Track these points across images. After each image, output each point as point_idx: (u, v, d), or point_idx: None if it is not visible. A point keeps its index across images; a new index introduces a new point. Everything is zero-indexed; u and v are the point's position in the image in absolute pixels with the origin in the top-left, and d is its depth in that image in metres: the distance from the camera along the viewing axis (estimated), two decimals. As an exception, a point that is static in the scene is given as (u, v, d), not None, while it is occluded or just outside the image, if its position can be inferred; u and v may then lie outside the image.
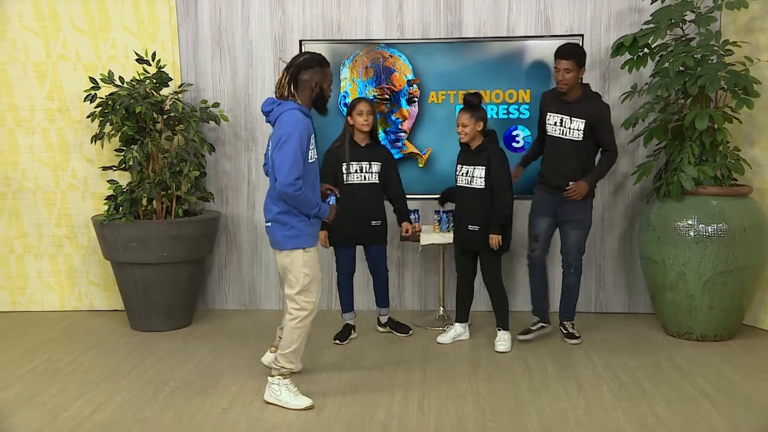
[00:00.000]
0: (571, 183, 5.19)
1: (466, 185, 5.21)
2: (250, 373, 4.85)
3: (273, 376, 4.32)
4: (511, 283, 6.14)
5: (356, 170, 5.33)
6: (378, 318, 5.74)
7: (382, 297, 5.65)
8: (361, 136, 5.33)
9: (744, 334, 5.59)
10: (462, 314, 5.54)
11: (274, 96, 4.36)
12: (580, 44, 5.83)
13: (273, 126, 4.29)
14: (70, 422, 4.13)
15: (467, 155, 5.22)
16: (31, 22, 6.12)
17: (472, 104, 5.08)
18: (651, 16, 5.46)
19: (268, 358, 4.74)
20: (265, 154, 4.60)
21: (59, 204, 6.30)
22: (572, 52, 5.13)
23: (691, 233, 5.25)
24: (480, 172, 5.12)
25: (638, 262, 6.05)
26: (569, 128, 5.18)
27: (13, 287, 6.38)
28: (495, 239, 5.07)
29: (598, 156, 5.40)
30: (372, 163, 5.37)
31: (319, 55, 4.42)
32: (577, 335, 5.45)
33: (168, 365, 5.04)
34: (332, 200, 4.55)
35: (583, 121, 5.13)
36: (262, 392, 4.49)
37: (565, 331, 5.50)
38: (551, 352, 5.26)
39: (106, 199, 5.78)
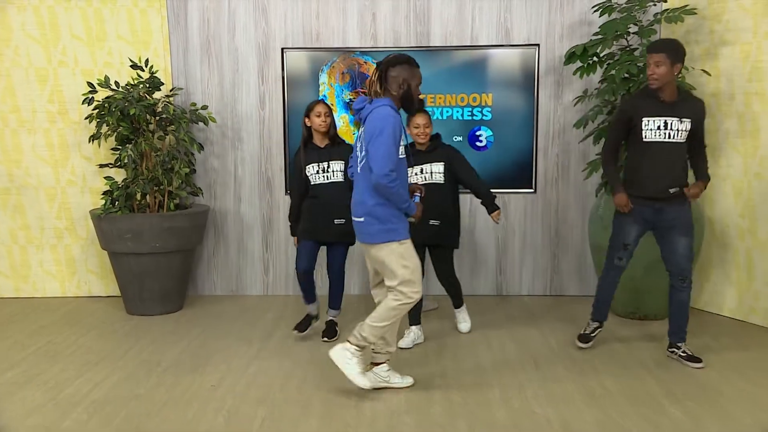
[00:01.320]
0: (672, 190, 4.45)
1: (424, 182, 4.93)
2: (236, 353, 4.86)
3: (351, 343, 4.06)
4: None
5: (317, 171, 4.98)
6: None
7: (333, 297, 5.20)
8: (320, 137, 5.00)
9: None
10: (415, 317, 5.08)
11: (362, 95, 4.18)
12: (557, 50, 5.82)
13: (363, 124, 4.07)
14: (70, 399, 4.13)
15: (419, 156, 4.93)
16: (33, 31, 6.08)
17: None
18: (599, 28, 5.49)
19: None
20: (351, 156, 4.30)
21: (59, 198, 6.28)
22: (660, 44, 4.42)
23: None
24: (438, 167, 4.98)
25: (588, 250, 6.14)
26: (677, 130, 4.42)
27: (17, 275, 6.36)
28: (497, 214, 4.96)
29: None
30: (332, 162, 5.01)
31: (409, 55, 4.13)
32: (699, 358, 4.56)
33: (161, 346, 5.04)
34: (417, 198, 4.20)
35: (689, 120, 4.42)
36: (249, 371, 4.53)
37: (684, 354, 4.60)
38: (510, 333, 5.30)
39: (103, 194, 5.76)
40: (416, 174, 4.96)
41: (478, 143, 6.17)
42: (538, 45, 6.04)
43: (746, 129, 5.37)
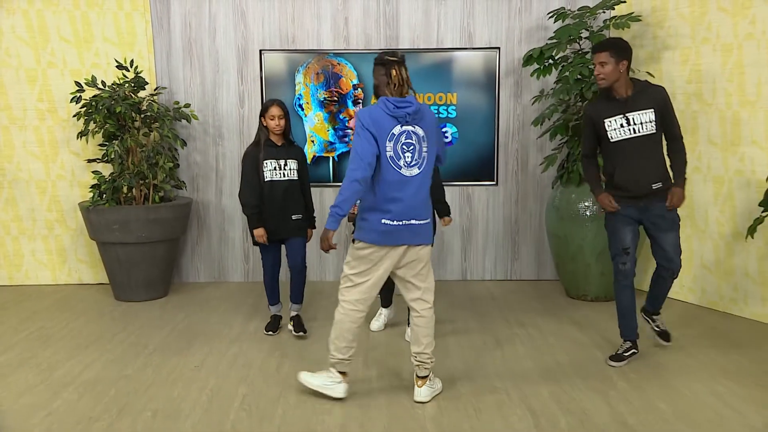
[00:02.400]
0: (654, 185, 4.12)
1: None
2: (218, 336, 4.88)
3: (425, 377, 3.78)
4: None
5: (274, 167, 4.75)
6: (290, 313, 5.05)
7: (296, 292, 4.94)
8: (276, 137, 4.78)
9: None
10: (386, 299, 5.04)
11: (407, 95, 3.69)
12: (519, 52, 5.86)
13: (416, 123, 3.65)
14: (62, 380, 4.12)
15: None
16: (23, 33, 6.02)
17: None
18: (554, 33, 5.54)
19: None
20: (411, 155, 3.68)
21: (50, 192, 6.23)
22: (606, 44, 4.13)
23: (588, 213, 5.40)
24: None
25: (545, 237, 6.23)
26: (640, 123, 4.08)
27: (11, 264, 6.32)
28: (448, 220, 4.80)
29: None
30: (288, 160, 4.79)
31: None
32: (669, 336, 4.48)
33: (147, 330, 5.03)
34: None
35: (652, 110, 4.07)
36: (230, 352, 4.54)
37: (658, 329, 4.47)
38: (474, 313, 5.36)
39: (91, 187, 5.72)
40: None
41: (444, 139, 6.17)
42: (498, 48, 6.09)
43: (686, 126, 5.44)
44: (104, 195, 5.66)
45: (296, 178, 4.82)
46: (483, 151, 6.22)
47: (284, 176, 4.78)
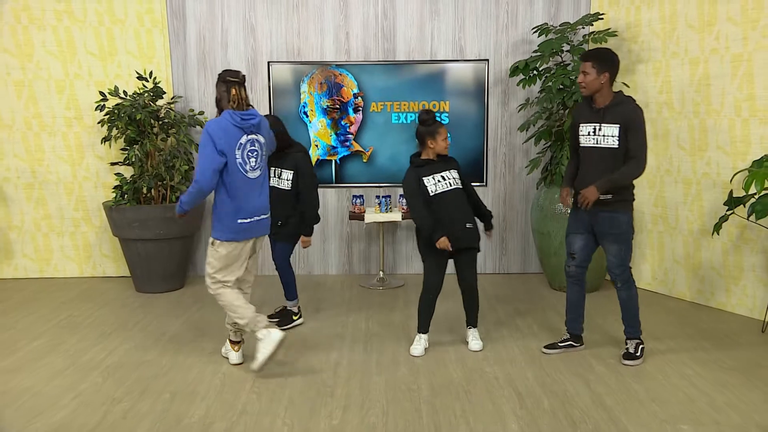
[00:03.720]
0: (602, 196, 3.91)
1: (447, 189, 4.18)
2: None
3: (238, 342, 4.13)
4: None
5: (272, 176, 4.65)
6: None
7: (285, 290, 4.83)
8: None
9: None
10: (424, 326, 4.40)
11: (249, 108, 3.89)
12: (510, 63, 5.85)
13: (258, 133, 3.90)
14: (88, 364, 4.15)
15: (434, 165, 4.19)
16: (53, 48, 6.02)
17: (428, 119, 4.16)
18: (538, 46, 5.54)
19: None
20: (253, 158, 3.93)
21: (77, 192, 6.24)
22: (591, 54, 3.93)
23: (568, 212, 5.38)
24: (455, 174, 4.23)
25: (531, 234, 6.25)
26: (603, 136, 3.91)
27: (41, 259, 6.32)
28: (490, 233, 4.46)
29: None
30: (283, 170, 4.65)
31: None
32: (638, 356, 4.06)
33: (165, 320, 5.04)
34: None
35: (617, 126, 3.86)
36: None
37: (624, 350, 4.13)
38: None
39: (114, 188, 5.75)
40: (438, 181, 4.21)
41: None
42: (487, 60, 6.09)
43: (658, 133, 5.47)
44: (126, 195, 5.67)
45: (289, 188, 4.63)
46: (473, 154, 6.22)
47: (278, 185, 4.66)
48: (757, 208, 4.35)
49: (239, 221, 3.85)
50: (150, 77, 5.86)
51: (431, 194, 4.16)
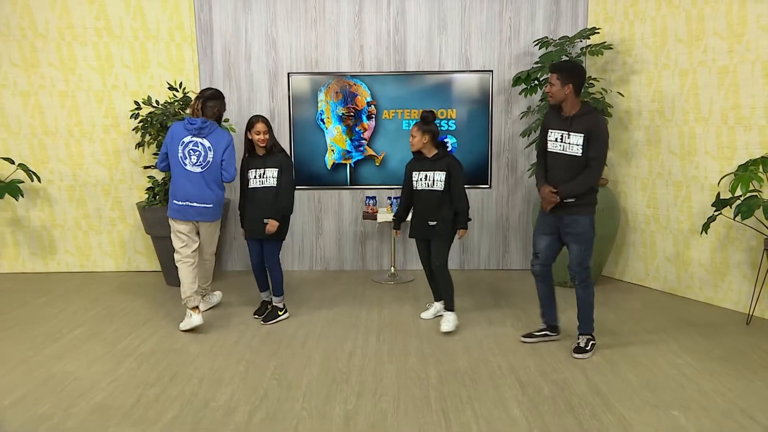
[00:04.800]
0: (566, 200, 3.90)
1: (427, 188, 4.43)
2: (252, 316, 4.88)
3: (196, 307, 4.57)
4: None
5: (254, 176, 4.61)
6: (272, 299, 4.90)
7: (273, 285, 4.77)
8: (260, 148, 4.61)
9: (602, 282, 5.75)
10: (439, 295, 4.81)
11: (197, 117, 4.55)
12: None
13: (206, 137, 4.54)
14: (123, 351, 4.18)
15: (424, 162, 4.43)
16: (93, 62, 6.07)
17: (426, 120, 4.36)
18: (539, 58, 5.54)
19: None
20: (196, 155, 4.51)
21: (113, 194, 6.28)
22: (558, 66, 3.92)
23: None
24: (440, 176, 4.38)
25: (532, 233, 6.23)
26: (569, 143, 3.88)
27: (81, 254, 6.38)
28: (462, 233, 4.48)
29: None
30: (266, 169, 4.60)
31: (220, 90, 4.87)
32: (587, 350, 4.02)
33: (194, 310, 5.10)
34: None
35: (582, 135, 3.83)
36: (263, 330, 4.57)
37: (575, 344, 4.08)
38: (470, 298, 5.35)
39: (146, 189, 5.78)
40: (421, 179, 4.46)
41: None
42: (491, 71, 6.08)
43: (651, 139, 5.45)
44: (157, 196, 5.69)
45: (273, 185, 4.59)
46: (478, 158, 6.21)
47: (262, 183, 4.61)
48: (742, 209, 4.33)
49: (174, 202, 4.59)
50: (180, 88, 5.89)
51: (414, 188, 4.54)
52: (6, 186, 5.75)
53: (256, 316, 4.85)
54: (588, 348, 4.06)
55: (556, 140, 3.98)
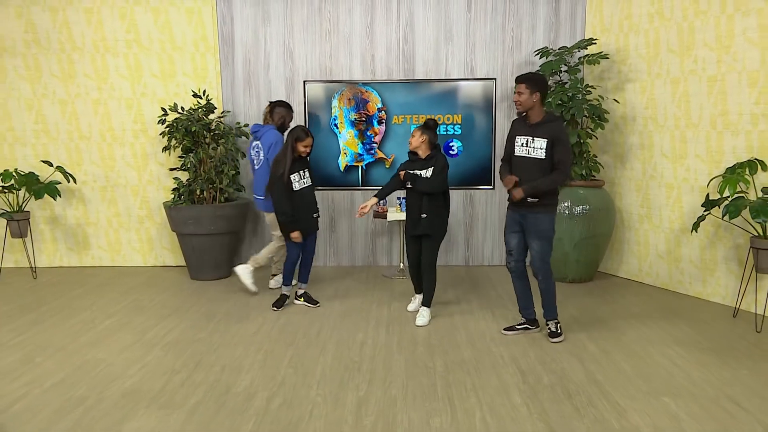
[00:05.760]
0: (529, 199, 3.97)
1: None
2: (270, 308, 4.90)
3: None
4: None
5: (299, 179, 4.64)
6: (296, 291, 5.04)
7: (305, 273, 4.91)
8: (302, 157, 4.69)
9: (599, 278, 5.74)
10: (420, 287, 4.80)
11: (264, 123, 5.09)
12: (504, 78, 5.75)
13: (260, 139, 5.08)
14: (151, 340, 4.21)
15: (416, 163, 4.46)
16: (124, 72, 6.12)
17: (428, 125, 4.41)
18: (540, 67, 5.53)
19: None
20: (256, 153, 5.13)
21: (141, 194, 6.32)
22: (525, 77, 3.97)
23: (566, 212, 5.36)
24: (428, 173, 4.40)
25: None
26: (533, 147, 3.94)
27: (112, 250, 6.43)
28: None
29: None
30: (305, 170, 4.69)
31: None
32: (559, 333, 4.13)
33: (215, 303, 5.08)
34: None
35: (545, 140, 3.90)
36: (280, 321, 4.58)
37: (547, 330, 4.19)
38: (475, 292, 5.35)
39: (172, 190, 5.80)
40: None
41: (451, 152, 6.19)
42: (495, 79, 6.07)
43: (644, 143, 5.43)
44: (182, 196, 5.73)
45: (310, 183, 4.73)
46: (482, 161, 6.20)
47: (305, 184, 4.69)
48: (730, 209, 4.31)
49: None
50: (203, 95, 5.92)
51: (406, 187, 4.50)
52: (45, 187, 5.82)
53: (275, 309, 4.84)
54: (559, 331, 4.16)
55: (522, 145, 4.03)
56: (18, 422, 3.09)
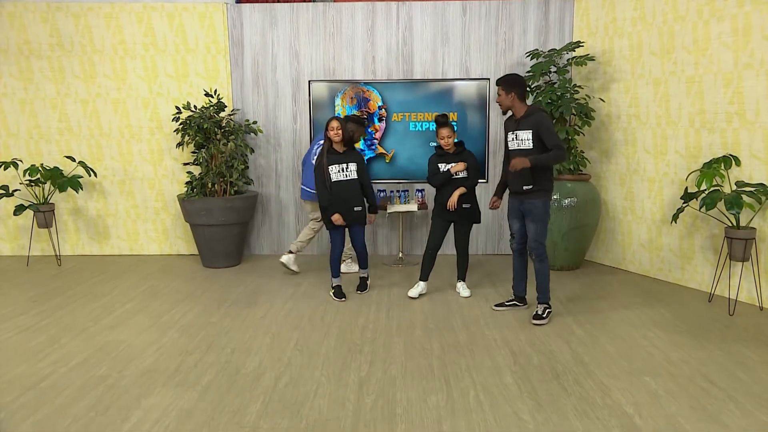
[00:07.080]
0: (525, 187, 4.09)
1: (457, 177, 4.57)
2: (278, 295, 4.91)
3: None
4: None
5: (338, 171, 4.61)
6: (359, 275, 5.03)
7: (362, 261, 4.89)
8: (339, 145, 4.63)
9: (585, 266, 5.75)
10: (425, 275, 4.80)
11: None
12: (501, 77, 5.75)
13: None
14: (166, 323, 4.22)
15: (449, 157, 4.57)
16: (141, 72, 6.11)
17: (449, 123, 4.48)
18: (530, 68, 5.52)
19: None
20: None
21: (157, 187, 6.32)
22: (501, 79, 4.12)
23: (555, 204, 5.37)
24: (461, 166, 4.52)
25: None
26: (522, 140, 4.07)
27: (130, 239, 6.43)
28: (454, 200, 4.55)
29: None
30: (348, 164, 4.64)
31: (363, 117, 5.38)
32: (543, 317, 4.15)
33: (226, 289, 5.09)
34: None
35: (530, 131, 4.03)
36: (287, 306, 4.58)
37: (534, 313, 4.22)
38: (469, 280, 5.36)
39: (186, 183, 5.81)
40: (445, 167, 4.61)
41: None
42: (488, 79, 6.04)
43: (628, 139, 5.42)
44: (195, 189, 5.72)
45: (355, 177, 4.64)
46: (477, 156, 6.13)
47: (347, 177, 4.63)
48: (706, 202, 4.31)
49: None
50: (214, 94, 5.89)
51: (441, 171, 4.61)
52: (68, 180, 5.83)
53: (343, 299, 4.73)
54: (544, 315, 4.18)
55: (512, 140, 4.18)
56: (46, 398, 3.11)
